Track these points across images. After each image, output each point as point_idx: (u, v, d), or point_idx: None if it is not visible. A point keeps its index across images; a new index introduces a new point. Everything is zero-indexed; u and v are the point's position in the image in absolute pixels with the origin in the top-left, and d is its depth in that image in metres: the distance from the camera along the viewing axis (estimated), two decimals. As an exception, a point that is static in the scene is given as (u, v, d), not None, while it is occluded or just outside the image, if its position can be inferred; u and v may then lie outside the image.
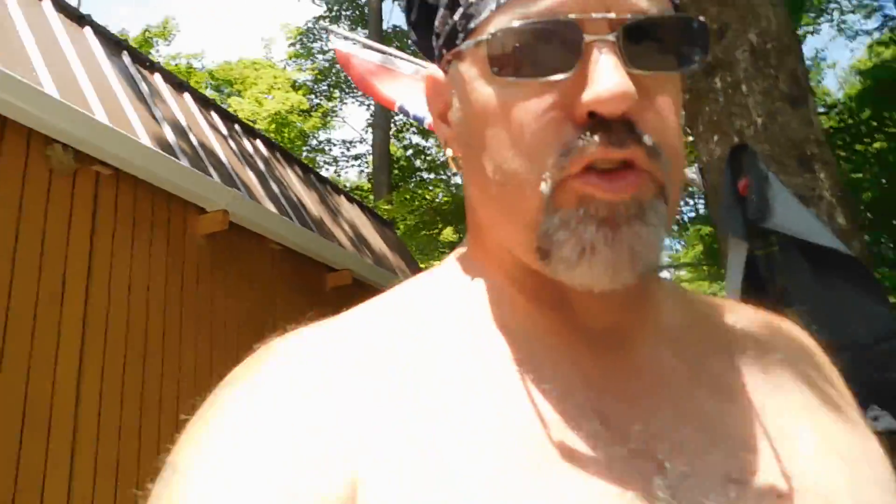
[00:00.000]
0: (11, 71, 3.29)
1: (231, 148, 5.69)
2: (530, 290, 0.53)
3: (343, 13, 17.28)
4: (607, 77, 0.43)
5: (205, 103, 5.96)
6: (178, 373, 4.14)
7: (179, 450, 0.46)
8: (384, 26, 15.68)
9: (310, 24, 17.16)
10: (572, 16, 0.45)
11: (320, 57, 17.19)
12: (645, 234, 0.46)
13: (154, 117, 4.67)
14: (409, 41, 0.64)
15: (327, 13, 17.17)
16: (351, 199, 8.33)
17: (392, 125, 15.31)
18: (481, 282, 0.56)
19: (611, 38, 0.45)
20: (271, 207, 5.32)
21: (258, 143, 6.49)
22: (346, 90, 16.93)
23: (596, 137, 0.44)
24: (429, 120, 3.49)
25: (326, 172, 16.67)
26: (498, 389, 0.48)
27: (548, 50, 0.45)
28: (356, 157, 17.46)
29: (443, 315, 0.53)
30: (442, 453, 0.44)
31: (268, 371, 0.48)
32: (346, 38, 4.22)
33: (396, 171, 15.68)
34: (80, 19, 4.71)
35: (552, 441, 0.46)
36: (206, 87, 18.23)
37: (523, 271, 0.53)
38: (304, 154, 16.56)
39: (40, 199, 3.52)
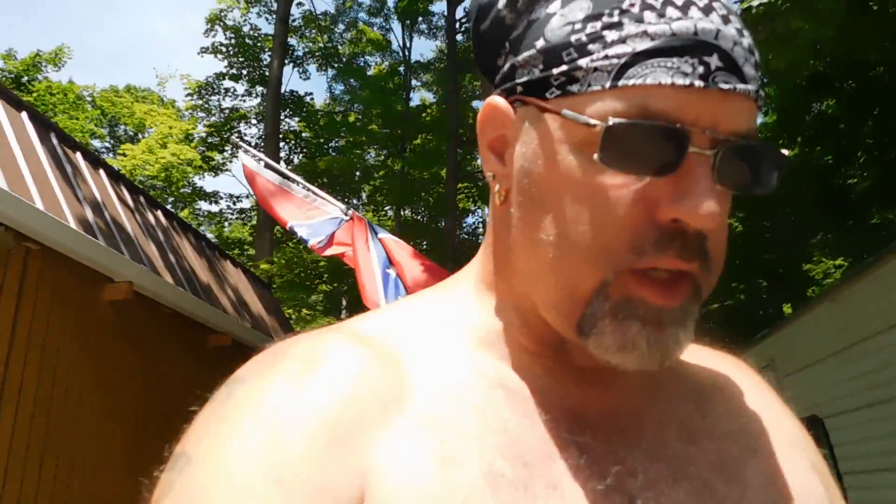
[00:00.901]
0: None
1: (137, 221, 6.48)
2: (535, 331, 0.56)
3: (243, 72, 18.12)
4: (705, 196, 0.46)
5: (116, 178, 6.73)
6: (78, 420, 4.87)
7: (192, 441, 0.47)
8: (282, 90, 16.65)
9: (210, 79, 17.84)
10: (687, 127, 0.46)
11: (216, 112, 17.88)
12: (682, 336, 0.50)
13: (77, 197, 5.45)
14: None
15: (228, 68, 17.95)
16: (235, 264, 9.17)
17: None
18: (492, 311, 0.59)
19: (710, 154, 0.47)
20: (168, 278, 6.14)
21: (159, 213, 7.28)
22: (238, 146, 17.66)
23: (673, 247, 0.47)
24: (312, 242, 4.50)
25: (211, 224, 17.20)
26: (492, 418, 0.51)
27: (652, 149, 0.46)
28: (241, 212, 18.10)
29: (450, 336, 0.56)
30: (435, 477, 0.46)
31: (280, 372, 0.50)
32: (253, 155, 5.24)
33: (279, 229, 16.47)
34: (18, 104, 5.45)
35: (538, 469, 0.49)
36: (96, 124, 18.35)
37: (535, 317, 0.55)
38: (191, 205, 17.05)
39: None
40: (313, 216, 4.47)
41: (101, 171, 6.43)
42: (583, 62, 0.48)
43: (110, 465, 5.12)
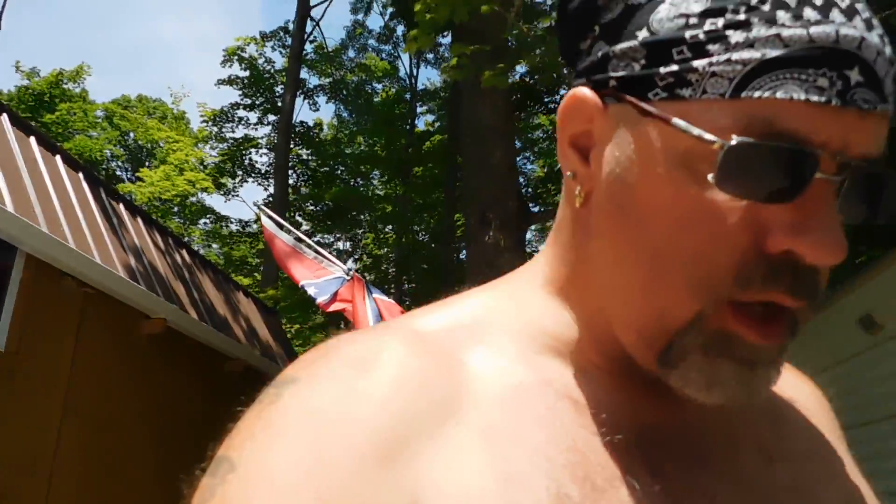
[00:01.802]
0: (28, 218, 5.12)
1: (167, 262, 7.52)
2: (605, 348, 0.51)
3: (257, 102, 19.24)
4: (831, 230, 0.40)
5: (150, 223, 7.80)
6: (121, 431, 5.91)
7: (236, 445, 0.44)
8: (293, 119, 17.74)
9: (225, 108, 18.98)
10: (817, 151, 0.40)
11: (230, 140, 19.01)
12: (773, 376, 0.45)
13: (122, 246, 6.49)
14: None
15: (242, 98, 19.07)
16: (247, 294, 10.21)
17: (286, 215, 17.22)
18: (561, 317, 0.53)
19: (837, 180, 0.41)
20: (193, 314, 7.16)
21: (184, 252, 8.32)
22: (249, 172, 18.78)
23: (782, 285, 0.42)
24: (320, 300, 5.47)
25: (219, 247, 18.18)
26: (558, 432, 0.46)
27: (774, 172, 0.40)
28: (249, 236, 19.19)
29: (513, 338, 0.51)
30: (496, 493, 0.42)
31: (331, 374, 0.46)
32: (271, 218, 6.25)
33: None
34: (74, 165, 6.50)
35: (610, 493, 0.44)
36: (114, 143, 19.47)
37: (605, 333, 0.51)
38: (202, 225, 18.12)
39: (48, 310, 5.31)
40: (321, 275, 5.48)
41: (139, 218, 7.48)
42: (699, 64, 0.41)
43: (144, 469, 6.13)
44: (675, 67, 0.42)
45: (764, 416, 0.55)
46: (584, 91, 0.48)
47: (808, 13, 0.40)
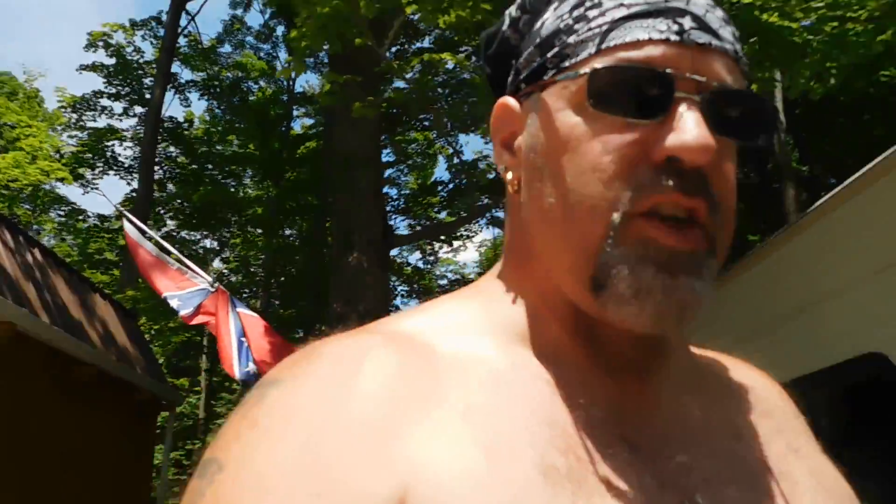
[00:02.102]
0: None
1: (17, 262, 7.19)
2: (565, 319, 0.56)
3: (122, 92, 18.36)
4: (694, 129, 0.48)
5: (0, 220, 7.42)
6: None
7: (223, 447, 0.45)
8: (162, 114, 17.09)
9: (87, 95, 17.95)
10: (669, 70, 0.49)
11: (90, 129, 17.98)
12: (697, 288, 0.49)
13: (-32, 247, 6.18)
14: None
15: (106, 87, 18.13)
16: (104, 296, 9.86)
17: (150, 213, 16.56)
18: (521, 305, 0.58)
19: (697, 98, 0.49)
20: (45, 317, 6.92)
21: (36, 251, 7.97)
22: (111, 165, 17.86)
23: (671, 182, 0.48)
24: (183, 312, 5.51)
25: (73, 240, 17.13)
26: (537, 409, 0.49)
27: (640, 95, 0.49)
28: (109, 232, 18.23)
29: (483, 332, 0.55)
30: (486, 466, 0.44)
31: (315, 373, 0.48)
32: (134, 224, 6.20)
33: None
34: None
35: (592, 463, 0.47)
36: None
37: (562, 302, 0.55)
38: (55, 217, 17.01)
39: None
40: (184, 287, 5.54)
41: (-12, 216, 7.10)
42: (571, 39, 0.53)
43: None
44: (557, 49, 0.54)
45: (730, 394, 0.61)
46: (506, 98, 0.60)
47: None
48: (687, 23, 0.50)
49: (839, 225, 2.69)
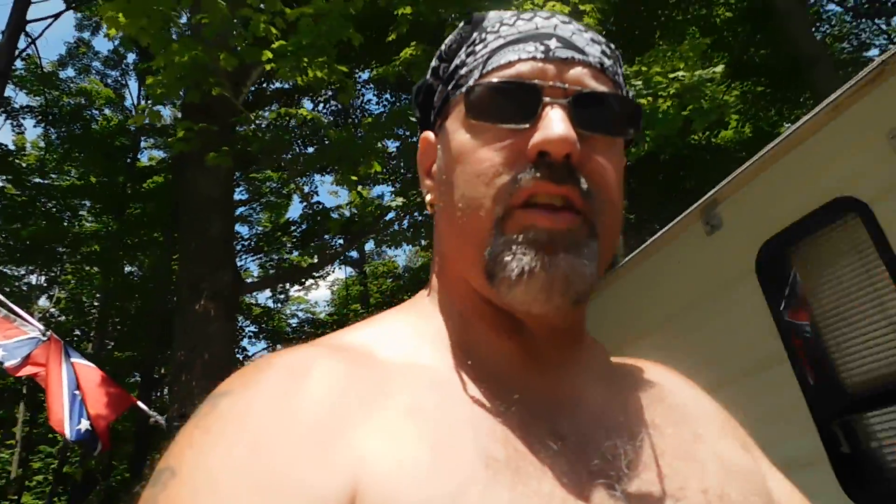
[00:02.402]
0: None
1: None
2: (488, 318, 0.61)
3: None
4: (555, 125, 0.55)
5: None
6: None
7: (175, 454, 0.46)
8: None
9: None
10: (536, 82, 0.57)
11: None
12: (578, 265, 0.54)
13: None
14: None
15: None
16: None
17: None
18: (449, 314, 0.63)
19: (563, 101, 0.56)
20: None
21: None
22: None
23: (539, 173, 0.55)
24: (7, 364, 5.02)
25: None
26: (476, 407, 0.54)
27: (513, 105, 0.57)
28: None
29: (420, 341, 0.60)
30: (431, 459, 0.47)
31: (266, 381, 0.51)
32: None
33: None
34: None
35: (529, 452, 0.51)
36: None
37: (481, 301, 0.61)
38: None
39: None
40: (11, 336, 5.10)
41: None
42: (463, 70, 0.63)
43: None
44: (454, 81, 0.64)
45: (642, 389, 0.66)
46: (426, 133, 0.69)
47: (519, 23, 0.62)
48: (553, 43, 0.59)
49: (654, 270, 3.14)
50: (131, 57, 21.42)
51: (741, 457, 0.64)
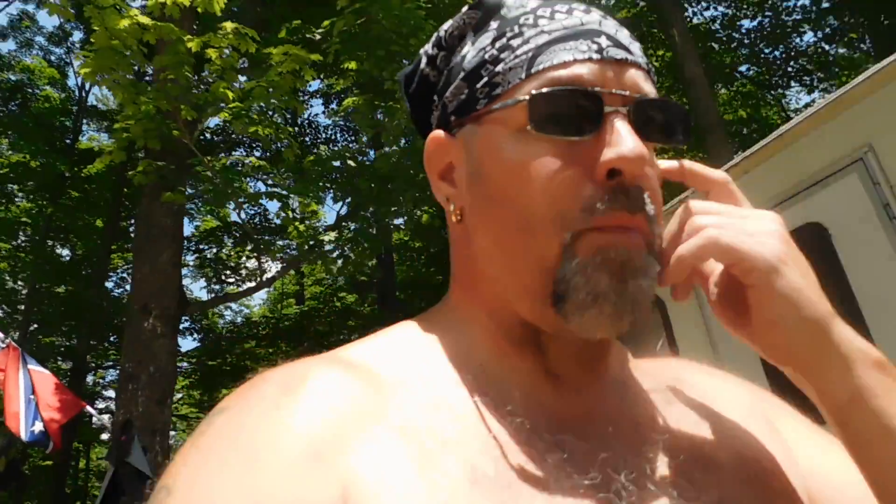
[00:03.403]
0: None
1: None
2: (515, 338, 0.59)
3: None
4: (628, 140, 0.51)
5: None
6: None
7: (172, 473, 0.47)
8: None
9: None
10: (597, 88, 0.53)
11: None
12: (646, 286, 0.53)
13: None
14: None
15: None
16: None
17: None
18: (469, 327, 0.61)
19: (624, 110, 0.53)
20: None
21: None
22: None
23: (619, 205, 0.52)
24: None
25: None
26: (473, 422, 0.53)
27: (574, 114, 0.53)
28: None
29: (426, 354, 0.59)
30: (417, 477, 0.47)
31: (260, 397, 0.51)
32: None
33: None
34: None
35: (522, 468, 0.50)
36: None
37: (511, 321, 0.59)
38: None
39: None
40: (-31, 342, 5.58)
41: None
42: (499, 68, 0.57)
43: None
44: (486, 79, 0.58)
45: (656, 392, 0.63)
46: (437, 132, 0.63)
47: (559, 16, 0.57)
48: (604, 42, 0.55)
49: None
50: (78, 35, 21.00)
51: (766, 451, 0.61)
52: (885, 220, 2.93)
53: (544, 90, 0.54)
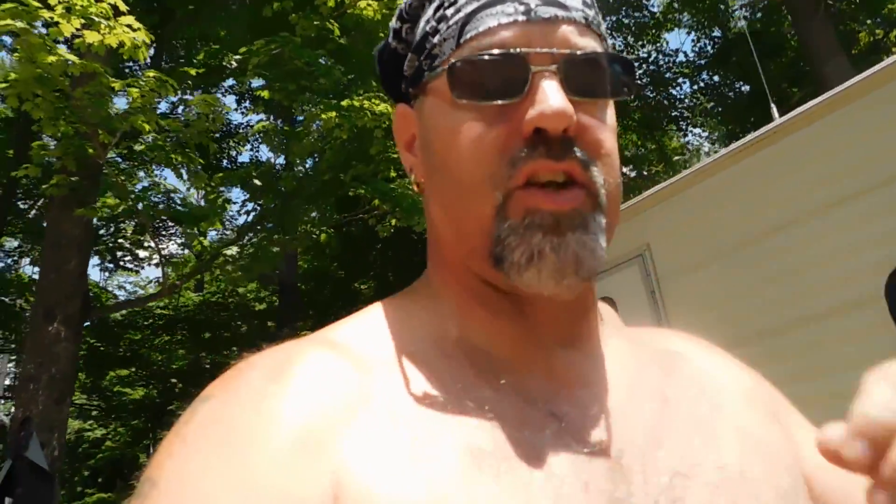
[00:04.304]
0: None
1: None
2: (489, 303, 0.58)
3: None
4: (550, 98, 0.51)
5: None
6: None
7: (157, 465, 0.46)
8: None
9: None
10: (521, 50, 0.52)
11: None
12: (587, 241, 0.52)
13: None
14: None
15: None
16: None
17: None
18: (445, 297, 0.60)
19: (552, 68, 0.52)
20: None
21: None
22: None
23: (539, 154, 0.51)
24: None
25: None
26: (466, 392, 0.52)
27: (500, 78, 0.53)
28: None
29: (412, 330, 0.58)
30: (410, 458, 0.46)
31: (245, 385, 0.50)
32: None
33: None
34: None
35: (519, 439, 0.49)
36: None
37: (481, 285, 0.58)
38: None
39: None
40: None
41: None
42: (436, 39, 0.57)
43: None
44: (427, 50, 0.59)
45: (654, 362, 0.63)
46: (400, 105, 0.65)
47: None
48: (532, 2, 0.54)
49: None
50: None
51: (768, 430, 0.60)
52: (651, 300, 4.30)
53: (463, 58, 0.54)
